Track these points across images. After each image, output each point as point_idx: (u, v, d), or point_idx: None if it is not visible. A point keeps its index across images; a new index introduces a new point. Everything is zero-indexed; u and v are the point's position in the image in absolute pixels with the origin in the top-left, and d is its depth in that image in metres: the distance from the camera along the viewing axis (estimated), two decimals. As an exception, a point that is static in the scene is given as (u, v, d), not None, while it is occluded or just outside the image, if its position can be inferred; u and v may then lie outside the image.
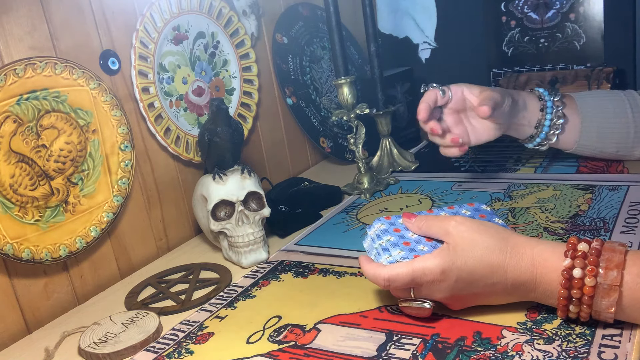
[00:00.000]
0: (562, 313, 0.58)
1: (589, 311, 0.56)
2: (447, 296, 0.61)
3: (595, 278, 0.54)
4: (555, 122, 0.90)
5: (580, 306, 0.56)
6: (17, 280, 0.80)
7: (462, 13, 1.40)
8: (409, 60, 1.47)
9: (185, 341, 0.69)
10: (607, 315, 0.55)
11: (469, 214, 0.69)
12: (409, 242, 0.65)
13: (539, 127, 0.91)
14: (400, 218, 0.68)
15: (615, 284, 0.53)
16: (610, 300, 0.54)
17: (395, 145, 1.19)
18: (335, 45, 1.06)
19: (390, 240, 0.65)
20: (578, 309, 0.56)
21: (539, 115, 0.91)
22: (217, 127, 0.89)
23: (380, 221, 0.69)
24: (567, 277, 0.55)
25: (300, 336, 0.66)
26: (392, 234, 0.66)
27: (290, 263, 0.85)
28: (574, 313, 0.57)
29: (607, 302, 0.54)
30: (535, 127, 0.92)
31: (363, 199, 1.07)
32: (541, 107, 0.91)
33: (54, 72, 0.82)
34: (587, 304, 0.55)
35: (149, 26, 0.97)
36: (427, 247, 0.63)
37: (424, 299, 0.62)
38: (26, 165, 0.80)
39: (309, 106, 1.29)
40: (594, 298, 0.54)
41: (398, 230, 0.67)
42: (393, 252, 0.63)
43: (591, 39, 1.24)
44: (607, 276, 0.54)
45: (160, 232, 1.00)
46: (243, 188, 0.88)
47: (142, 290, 0.86)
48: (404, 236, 0.66)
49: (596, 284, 0.54)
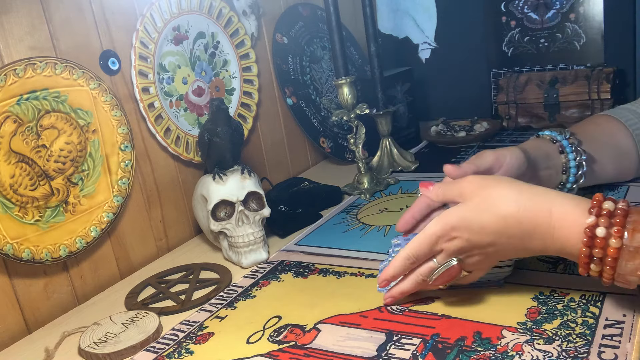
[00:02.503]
0: (583, 270, 0.55)
1: (612, 273, 0.53)
2: (467, 256, 0.61)
3: (621, 239, 0.51)
4: (580, 161, 0.80)
5: (602, 266, 0.53)
6: (17, 280, 0.80)
7: (462, 13, 1.40)
8: (409, 60, 1.47)
9: (185, 341, 0.69)
10: (632, 279, 0.52)
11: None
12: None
13: (566, 171, 0.80)
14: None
15: None
16: (636, 264, 0.51)
17: (395, 145, 1.19)
18: (335, 45, 1.06)
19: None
20: (600, 269, 0.54)
21: (562, 158, 0.80)
22: (217, 127, 0.89)
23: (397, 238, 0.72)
24: (590, 235, 0.53)
25: (300, 336, 0.66)
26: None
27: (290, 263, 0.85)
28: (596, 272, 0.55)
29: (632, 265, 0.51)
30: (563, 171, 0.80)
31: (363, 199, 1.07)
32: (560, 149, 0.81)
33: (54, 72, 0.82)
34: (610, 265, 0.52)
35: (149, 26, 0.97)
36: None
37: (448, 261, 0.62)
38: (26, 165, 0.80)
39: (309, 106, 1.29)
40: (618, 260, 0.52)
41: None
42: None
43: (591, 39, 1.24)
44: (634, 238, 0.51)
45: (160, 232, 1.00)
46: (243, 188, 0.88)
47: (142, 290, 0.86)
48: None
49: (621, 245, 0.51)
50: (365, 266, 0.80)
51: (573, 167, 0.79)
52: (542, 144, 0.81)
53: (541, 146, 0.80)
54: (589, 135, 0.84)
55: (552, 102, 1.23)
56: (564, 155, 0.80)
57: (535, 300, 0.64)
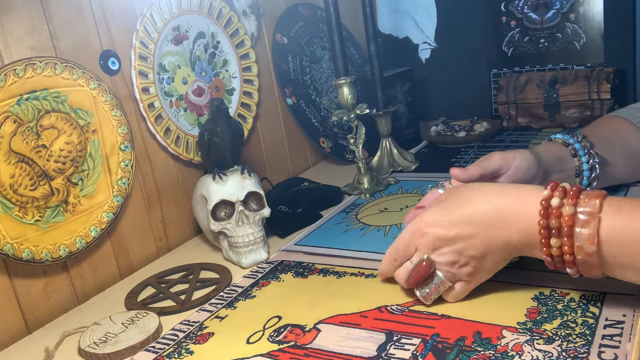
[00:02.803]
0: (546, 249, 0.57)
1: (570, 244, 0.54)
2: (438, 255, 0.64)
3: (575, 207, 0.54)
4: (593, 164, 0.80)
5: (561, 239, 0.55)
6: (17, 280, 0.80)
7: (462, 13, 1.40)
8: (409, 60, 1.47)
9: (185, 341, 0.69)
10: (590, 249, 0.53)
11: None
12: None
13: (579, 174, 0.80)
14: None
15: (595, 211, 0.53)
16: (591, 230, 0.53)
17: (395, 146, 1.19)
18: (335, 45, 1.06)
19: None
20: (559, 243, 0.55)
21: (575, 161, 0.80)
22: (217, 127, 0.89)
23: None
24: (546, 205, 0.56)
25: (300, 336, 0.66)
26: None
27: (290, 263, 0.85)
28: (557, 248, 0.56)
29: (587, 232, 0.53)
30: (576, 175, 0.81)
31: (363, 199, 1.07)
32: (572, 152, 0.81)
33: (54, 72, 0.82)
34: (567, 235, 0.54)
35: (149, 26, 0.97)
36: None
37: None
38: (26, 165, 0.80)
39: (309, 106, 1.29)
40: (574, 228, 0.54)
41: None
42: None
43: (591, 39, 1.24)
44: (587, 204, 0.54)
45: (160, 232, 1.00)
46: (243, 188, 0.88)
47: (142, 290, 0.86)
48: None
49: (574, 212, 0.54)
50: (365, 266, 0.80)
51: (586, 170, 0.79)
52: (554, 148, 0.81)
53: (553, 150, 0.80)
54: (602, 138, 0.83)
55: (552, 102, 1.23)
56: (576, 159, 0.79)
57: (535, 300, 0.64)
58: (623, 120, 0.87)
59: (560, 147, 0.81)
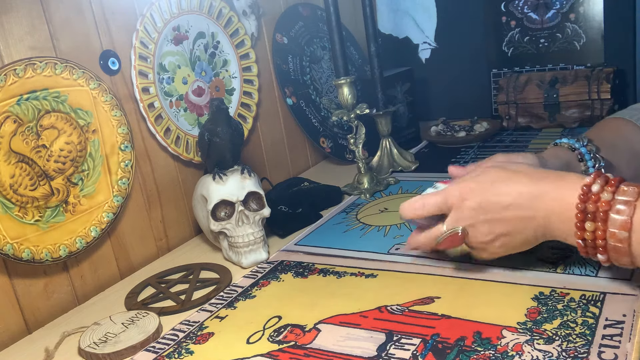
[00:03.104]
0: (579, 233, 0.59)
1: (604, 228, 0.56)
2: (472, 225, 0.66)
3: (613, 194, 0.56)
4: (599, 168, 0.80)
5: (596, 223, 0.57)
6: (17, 280, 0.80)
7: (462, 13, 1.40)
8: (409, 60, 1.47)
9: (185, 341, 0.69)
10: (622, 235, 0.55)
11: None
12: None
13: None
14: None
15: (632, 200, 0.55)
16: (625, 216, 0.55)
17: (395, 146, 1.19)
18: (335, 45, 1.06)
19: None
20: (594, 228, 0.57)
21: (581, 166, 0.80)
22: (217, 127, 0.89)
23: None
24: (587, 190, 0.57)
25: (300, 336, 0.66)
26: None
27: (290, 263, 0.85)
28: (591, 232, 0.57)
29: (621, 219, 0.55)
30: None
31: (363, 199, 1.07)
32: (579, 157, 0.80)
33: (54, 72, 0.82)
34: (602, 219, 0.56)
35: (149, 26, 0.97)
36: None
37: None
38: (26, 165, 0.80)
39: (309, 106, 1.29)
40: (609, 213, 0.56)
41: None
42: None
43: (591, 39, 1.24)
44: (625, 193, 0.56)
45: (160, 232, 1.00)
46: (243, 188, 0.88)
47: (142, 290, 0.86)
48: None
49: (612, 198, 0.56)
50: (365, 266, 0.80)
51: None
52: (561, 152, 0.81)
53: (560, 154, 0.80)
54: (606, 141, 0.83)
55: (552, 102, 1.23)
56: (582, 163, 0.79)
57: (535, 300, 0.64)
58: (625, 122, 0.86)
59: (567, 151, 0.81)
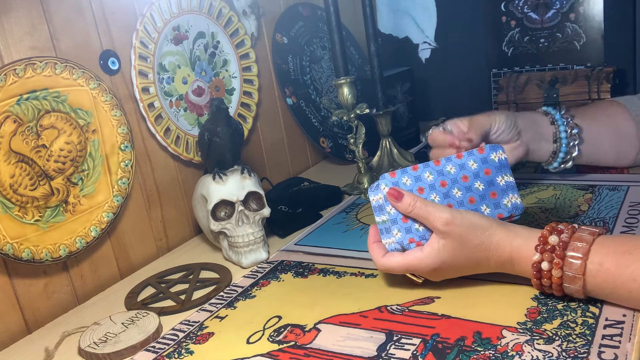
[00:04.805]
0: (539, 291, 0.65)
1: (562, 293, 0.62)
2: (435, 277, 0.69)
3: (562, 270, 0.60)
4: (572, 133, 0.87)
5: (552, 290, 0.62)
6: (17, 280, 0.80)
7: (462, 13, 1.40)
8: (409, 60, 1.47)
9: (185, 341, 0.69)
10: (576, 296, 0.61)
11: (475, 168, 0.70)
12: (407, 219, 0.69)
13: (557, 140, 0.87)
14: (404, 175, 0.71)
15: (578, 274, 0.59)
16: (577, 287, 0.60)
17: (395, 145, 1.19)
18: (335, 45, 1.06)
19: (390, 213, 0.69)
20: (552, 292, 0.63)
21: (552, 128, 0.88)
22: (217, 127, 0.89)
23: (378, 190, 0.71)
24: (537, 269, 0.62)
25: (300, 336, 0.66)
26: (390, 209, 0.70)
27: (290, 263, 0.85)
28: (552, 292, 0.63)
29: (574, 287, 0.60)
30: (554, 141, 0.88)
31: (363, 199, 1.07)
32: (551, 120, 0.88)
33: (54, 72, 0.82)
34: (557, 290, 0.62)
35: (149, 26, 0.97)
36: (422, 228, 0.68)
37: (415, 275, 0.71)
38: (26, 165, 0.80)
39: (309, 106, 1.29)
40: (563, 285, 0.61)
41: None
42: (392, 232, 0.69)
43: (591, 39, 1.24)
44: (571, 267, 0.60)
45: (160, 232, 1.00)
46: (243, 188, 0.88)
47: (142, 290, 0.86)
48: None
49: (562, 274, 0.60)
50: (365, 266, 0.80)
51: (564, 138, 0.86)
52: (533, 114, 0.90)
53: (531, 115, 0.89)
54: (588, 115, 0.89)
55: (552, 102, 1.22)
56: (554, 126, 0.87)
57: (535, 300, 0.64)
58: (615, 103, 0.92)
59: (539, 114, 0.89)
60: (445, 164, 0.71)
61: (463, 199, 0.70)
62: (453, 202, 0.70)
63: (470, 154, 0.71)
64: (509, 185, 0.70)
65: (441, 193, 0.70)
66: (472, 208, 0.69)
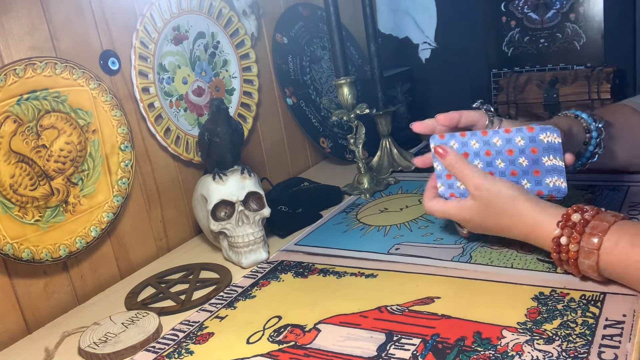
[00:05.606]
0: (560, 268, 0.69)
1: (576, 269, 0.65)
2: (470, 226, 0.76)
3: (578, 244, 0.63)
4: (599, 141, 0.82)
5: (569, 266, 0.65)
6: (17, 280, 0.80)
7: (462, 13, 1.40)
8: (409, 60, 1.47)
9: (185, 341, 0.69)
10: (591, 274, 0.64)
11: (522, 144, 0.72)
12: (451, 176, 0.75)
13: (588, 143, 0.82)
14: (452, 139, 0.76)
15: (594, 249, 0.62)
16: (591, 262, 0.63)
17: (395, 145, 1.19)
18: (335, 45, 1.06)
19: (437, 169, 0.77)
20: (568, 267, 0.66)
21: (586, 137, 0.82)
22: (217, 127, 0.89)
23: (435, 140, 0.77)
24: (557, 243, 0.65)
25: (300, 336, 0.66)
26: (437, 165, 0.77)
27: (290, 263, 0.85)
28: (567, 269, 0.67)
29: (588, 263, 0.63)
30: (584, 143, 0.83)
31: (363, 199, 1.07)
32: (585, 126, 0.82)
33: (54, 72, 0.82)
34: (573, 264, 0.65)
35: (149, 26, 0.97)
36: (463, 186, 0.74)
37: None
38: (26, 165, 0.80)
39: (309, 106, 1.29)
40: (578, 259, 0.64)
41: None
42: (439, 183, 0.77)
43: (591, 39, 1.24)
44: (588, 242, 0.63)
45: (160, 232, 1.00)
46: (243, 188, 0.88)
47: (142, 290, 0.86)
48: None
49: (579, 248, 0.63)
50: (365, 266, 0.80)
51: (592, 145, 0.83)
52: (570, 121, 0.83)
53: (569, 122, 0.82)
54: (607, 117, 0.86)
55: (552, 102, 1.23)
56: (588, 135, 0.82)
57: (535, 300, 0.64)
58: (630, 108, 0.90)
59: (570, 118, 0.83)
60: (492, 136, 0.73)
61: (505, 170, 0.73)
62: (495, 172, 0.73)
63: (519, 131, 0.72)
64: (555, 168, 0.71)
65: (485, 161, 0.74)
66: (513, 180, 0.72)
